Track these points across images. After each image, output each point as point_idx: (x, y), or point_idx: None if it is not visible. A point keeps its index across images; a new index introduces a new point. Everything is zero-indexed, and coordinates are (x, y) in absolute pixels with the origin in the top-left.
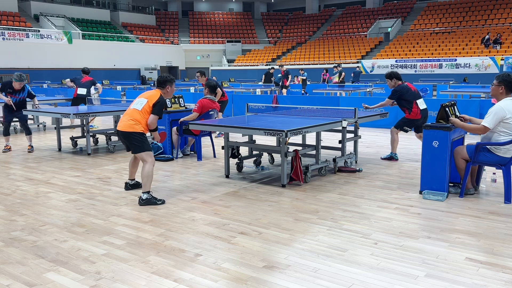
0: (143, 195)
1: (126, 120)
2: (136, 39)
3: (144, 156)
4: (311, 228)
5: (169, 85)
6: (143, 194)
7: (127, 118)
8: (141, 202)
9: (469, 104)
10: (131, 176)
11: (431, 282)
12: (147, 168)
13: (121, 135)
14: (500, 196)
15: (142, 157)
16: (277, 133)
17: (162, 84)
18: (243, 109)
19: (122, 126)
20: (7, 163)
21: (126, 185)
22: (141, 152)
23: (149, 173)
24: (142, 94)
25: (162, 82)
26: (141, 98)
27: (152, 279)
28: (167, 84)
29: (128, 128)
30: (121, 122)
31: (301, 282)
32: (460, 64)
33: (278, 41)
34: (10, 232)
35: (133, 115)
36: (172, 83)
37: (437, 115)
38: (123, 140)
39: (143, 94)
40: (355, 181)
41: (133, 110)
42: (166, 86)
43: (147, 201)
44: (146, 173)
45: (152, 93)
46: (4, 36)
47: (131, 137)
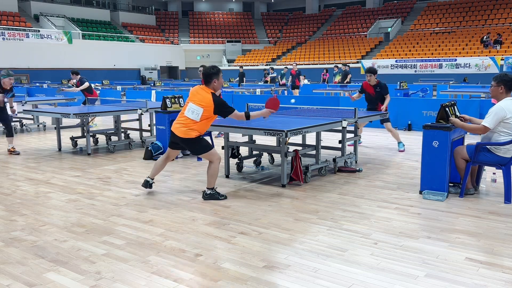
0: (207, 190)
1: (182, 126)
2: (136, 39)
3: (208, 156)
4: (311, 228)
5: (216, 78)
6: (208, 189)
7: (182, 124)
8: (205, 196)
9: (469, 104)
10: (153, 175)
11: (431, 282)
12: (214, 167)
13: (178, 140)
14: (500, 196)
15: (207, 157)
16: (277, 133)
17: (208, 78)
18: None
19: (178, 131)
20: (7, 163)
21: (146, 183)
22: (205, 152)
23: (215, 171)
24: (194, 96)
25: (208, 76)
26: (194, 105)
27: (152, 279)
28: (214, 77)
29: (184, 134)
30: (177, 125)
31: (301, 282)
32: (460, 64)
33: (278, 41)
34: (10, 232)
35: (190, 122)
36: (219, 74)
37: (437, 115)
38: (178, 142)
39: (195, 97)
40: (355, 181)
41: (189, 120)
42: (213, 80)
43: (210, 195)
44: (212, 172)
45: (203, 95)
46: (4, 36)
47: (190, 143)
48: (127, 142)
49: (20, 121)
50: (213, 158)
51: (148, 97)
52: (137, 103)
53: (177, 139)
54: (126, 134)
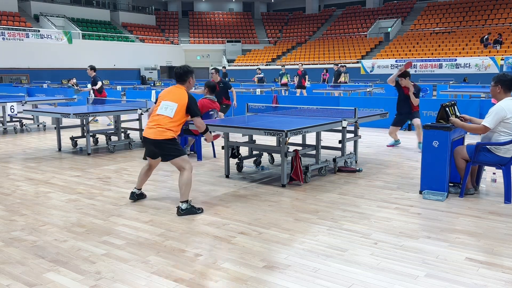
0: (182, 204)
1: (154, 126)
2: (136, 39)
3: (180, 163)
4: (311, 228)
5: (191, 77)
6: (182, 203)
7: (154, 124)
8: (181, 212)
9: (469, 104)
10: (139, 185)
11: (431, 282)
12: (186, 175)
13: (150, 144)
14: (500, 196)
15: (178, 164)
16: (277, 133)
17: (183, 77)
18: (243, 109)
19: (151, 133)
20: (7, 163)
21: (132, 195)
22: (176, 158)
23: (188, 180)
24: (166, 95)
25: (183, 74)
26: (167, 102)
27: (152, 279)
28: (189, 76)
29: (159, 135)
30: (148, 129)
31: (301, 282)
32: (460, 64)
33: (278, 41)
34: (10, 232)
35: (163, 122)
36: (193, 73)
37: (437, 115)
38: (151, 148)
39: (167, 95)
40: (355, 181)
41: (162, 117)
42: (188, 78)
43: (187, 211)
44: (185, 181)
45: (177, 92)
46: (4, 36)
47: (163, 145)
48: (127, 142)
49: (20, 121)
50: (186, 165)
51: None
52: (137, 103)
53: (150, 143)
54: (126, 134)
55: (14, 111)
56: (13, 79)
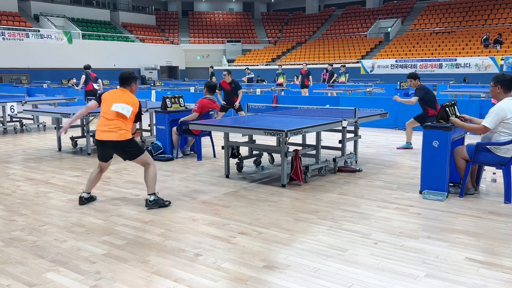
0: (150, 197)
1: (114, 129)
2: (136, 39)
3: (145, 159)
4: (311, 228)
5: (134, 83)
6: (150, 196)
7: (113, 127)
8: (149, 204)
9: (469, 104)
10: (88, 189)
11: (431, 282)
12: (151, 171)
13: (110, 146)
14: (500, 196)
15: (143, 161)
16: (277, 133)
17: (126, 81)
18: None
19: (112, 136)
20: (7, 163)
21: (81, 200)
22: (141, 155)
23: (154, 175)
24: (115, 98)
25: (127, 79)
26: (121, 104)
27: (152, 279)
28: (132, 81)
29: (119, 137)
30: (107, 132)
31: (301, 282)
32: (460, 64)
33: (278, 41)
34: (10, 232)
35: (121, 124)
36: (137, 80)
37: (437, 115)
38: (109, 151)
39: (118, 98)
40: (355, 181)
41: (118, 118)
42: (131, 83)
43: (155, 202)
44: (151, 176)
45: (128, 96)
46: (4, 36)
47: (125, 145)
48: None
49: (20, 121)
50: (149, 160)
51: (148, 97)
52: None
53: (109, 146)
54: None
55: (14, 111)
56: (13, 79)
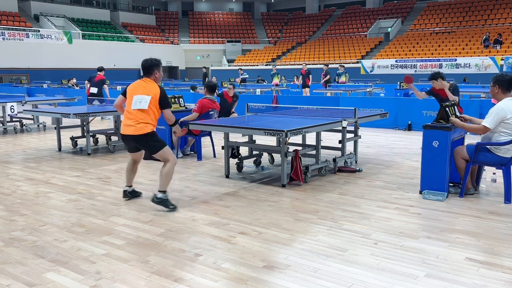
0: (158, 193)
1: (133, 123)
2: (136, 39)
3: (164, 155)
4: (311, 228)
5: (157, 70)
6: (159, 192)
7: (133, 121)
8: (155, 199)
9: (469, 104)
10: (129, 183)
11: (431, 282)
12: (168, 167)
13: (131, 140)
14: (500, 196)
15: (163, 156)
16: (277, 133)
17: (149, 69)
18: (243, 109)
19: (131, 130)
20: (7, 163)
21: (125, 193)
22: (161, 149)
23: (170, 172)
24: (136, 90)
25: (149, 67)
26: (139, 96)
27: (152, 279)
28: (155, 69)
29: (140, 131)
30: (127, 127)
31: (301, 282)
32: (460, 64)
33: (278, 41)
34: (10, 232)
35: (140, 116)
36: (160, 66)
37: (437, 115)
38: (132, 144)
39: (138, 90)
40: (355, 181)
41: (137, 111)
42: (154, 71)
43: (161, 201)
44: (166, 171)
45: (147, 86)
46: (4, 36)
47: (145, 139)
48: None
49: (20, 121)
50: (170, 157)
51: None
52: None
53: (130, 139)
54: None
55: (14, 111)
56: (13, 79)
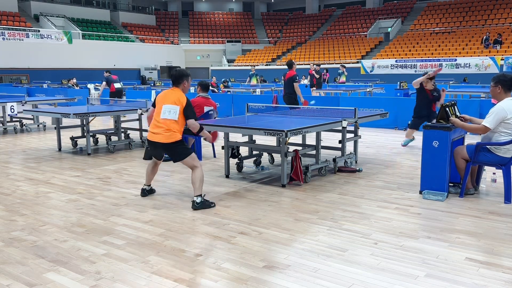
0: (197, 198)
1: (162, 131)
2: (136, 39)
3: (191, 162)
4: (311, 228)
5: (186, 80)
6: (197, 197)
7: (162, 129)
8: (196, 205)
9: (469, 104)
10: (148, 182)
11: (431, 282)
12: (198, 173)
13: (160, 147)
14: (500, 196)
15: (189, 163)
16: (277, 133)
17: (179, 79)
18: (243, 109)
19: (160, 138)
20: (7, 163)
21: (143, 191)
22: (187, 156)
23: (201, 177)
24: (165, 99)
25: (179, 77)
26: (169, 105)
27: (152, 279)
28: (184, 79)
29: (168, 139)
30: (156, 135)
31: (301, 282)
32: (460, 64)
33: (278, 41)
34: (10, 232)
35: (170, 125)
36: (189, 77)
37: (437, 115)
38: (160, 151)
39: (167, 99)
40: (355, 181)
41: (168, 121)
42: (183, 81)
43: (201, 204)
44: (198, 178)
45: (177, 95)
46: (4, 36)
47: (174, 147)
48: (127, 142)
49: (20, 121)
50: (196, 163)
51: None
52: (137, 103)
53: (159, 147)
54: (126, 134)
55: (14, 111)
56: (13, 79)
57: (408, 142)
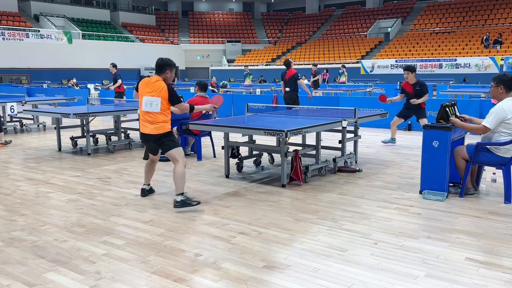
0: (177, 197)
1: (150, 124)
2: (136, 39)
3: (175, 155)
4: (311, 228)
5: (169, 70)
6: (177, 196)
7: (149, 122)
8: (176, 204)
9: (469, 104)
10: (147, 181)
11: (431, 282)
12: (179, 169)
13: (150, 139)
14: (500, 196)
15: (173, 156)
16: (277, 133)
17: (161, 68)
18: (243, 109)
19: (149, 129)
20: (7, 163)
21: (143, 191)
22: (173, 148)
23: (182, 173)
24: (145, 90)
25: (162, 66)
26: (149, 97)
27: (152, 279)
28: (167, 69)
29: (157, 130)
30: (146, 127)
31: (301, 282)
32: (460, 64)
33: (278, 41)
34: (10, 232)
35: (155, 117)
36: (172, 68)
37: (437, 115)
38: (152, 144)
39: (147, 89)
40: (355, 181)
41: (152, 113)
42: (166, 71)
43: (182, 203)
44: (178, 174)
45: (155, 86)
46: (4, 36)
47: (162, 138)
48: (127, 142)
49: (20, 121)
50: (178, 157)
51: None
52: (137, 103)
53: (149, 139)
54: (126, 134)
55: (14, 111)
56: (13, 79)
57: (389, 141)
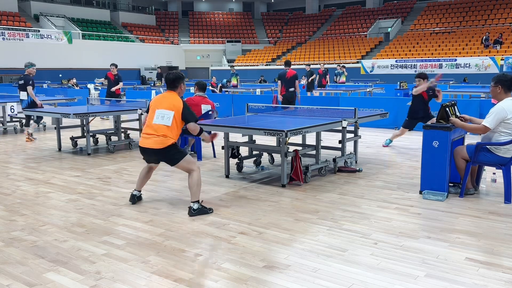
0: (193, 204)
1: (153, 136)
2: (136, 39)
3: (186, 165)
4: (311, 228)
5: (182, 83)
6: (194, 203)
7: (153, 135)
8: (193, 212)
9: (469, 104)
10: (139, 187)
11: (431, 282)
12: (195, 176)
13: (151, 153)
14: (500, 196)
15: (184, 167)
16: (277, 133)
17: (175, 82)
18: (243, 109)
19: (151, 143)
20: (7, 163)
21: (133, 197)
22: (181, 160)
23: (198, 181)
24: (159, 103)
25: (175, 80)
26: (163, 110)
27: (152, 279)
28: (180, 82)
29: (160, 144)
30: (148, 139)
31: (301, 282)
32: (460, 64)
33: (278, 41)
34: (10, 232)
35: (162, 131)
36: (184, 80)
37: (437, 115)
38: (152, 157)
39: (161, 104)
40: (355, 181)
41: (161, 126)
42: (180, 84)
43: (198, 211)
44: (195, 182)
45: (171, 100)
46: (4, 36)
47: (167, 152)
48: (127, 142)
49: (20, 121)
50: (193, 166)
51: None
52: (137, 103)
53: (150, 153)
54: (126, 134)
55: (14, 111)
56: (13, 79)
57: (389, 143)
